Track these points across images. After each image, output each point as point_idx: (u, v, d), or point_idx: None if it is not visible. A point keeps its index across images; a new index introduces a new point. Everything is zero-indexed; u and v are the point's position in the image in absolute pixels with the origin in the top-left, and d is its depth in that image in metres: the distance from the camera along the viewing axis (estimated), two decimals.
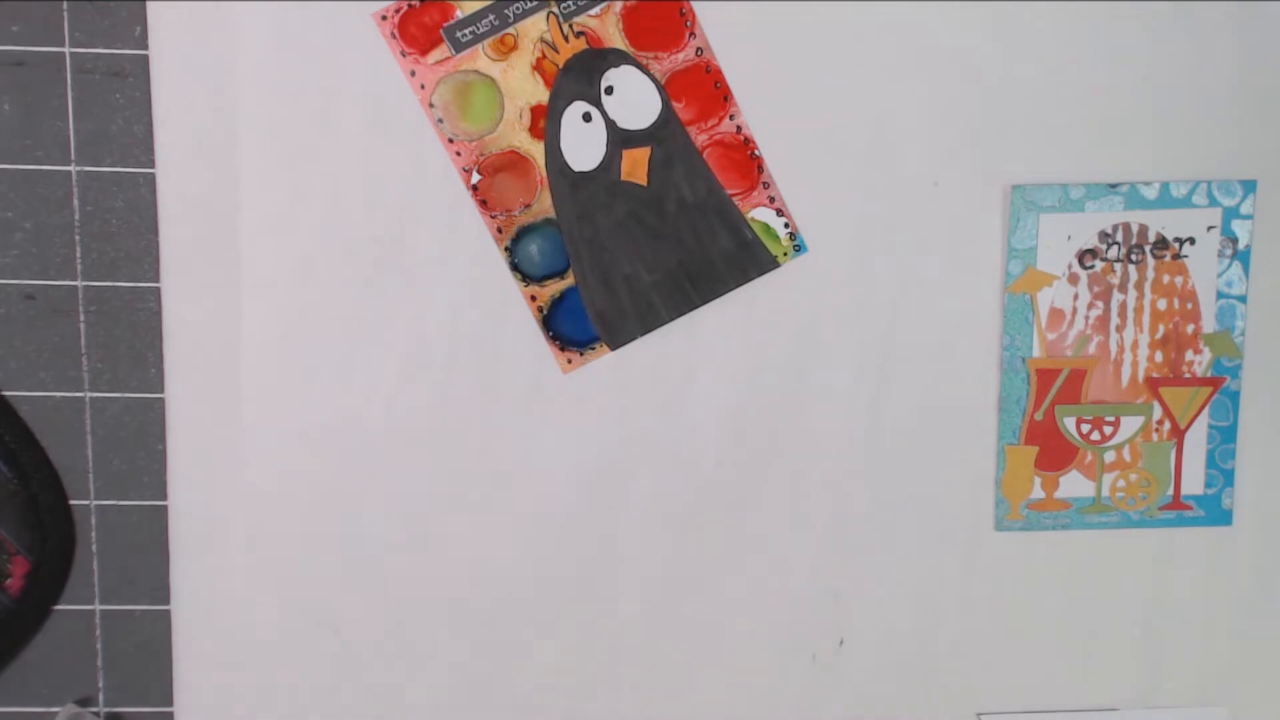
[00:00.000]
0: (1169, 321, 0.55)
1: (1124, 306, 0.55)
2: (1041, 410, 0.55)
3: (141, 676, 0.57)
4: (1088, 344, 0.55)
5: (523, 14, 0.52)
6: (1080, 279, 0.55)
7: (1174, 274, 0.55)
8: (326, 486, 0.55)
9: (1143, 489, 0.56)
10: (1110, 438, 0.56)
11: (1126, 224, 0.54)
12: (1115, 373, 0.55)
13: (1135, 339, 0.55)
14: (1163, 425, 0.56)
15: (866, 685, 0.58)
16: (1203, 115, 0.54)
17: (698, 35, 0.53)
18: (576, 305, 0.54)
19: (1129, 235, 0.54)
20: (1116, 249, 0.54)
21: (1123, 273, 0.55)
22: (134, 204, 0.53)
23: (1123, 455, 0.56)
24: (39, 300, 0.54)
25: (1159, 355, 0.55)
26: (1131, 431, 0.56)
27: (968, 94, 0.53)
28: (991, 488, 0.56)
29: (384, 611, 0.56)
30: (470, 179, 0.53)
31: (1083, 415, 0.56)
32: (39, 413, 0.55)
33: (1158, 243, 0.54)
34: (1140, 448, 0.56)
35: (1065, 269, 0.54)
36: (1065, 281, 0.55)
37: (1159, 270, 0.55)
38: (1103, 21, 0.53)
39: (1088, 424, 0.56)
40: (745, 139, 0.54)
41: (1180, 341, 0.55)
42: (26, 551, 0.55)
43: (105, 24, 0.52)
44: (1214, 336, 0.55)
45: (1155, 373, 0.55)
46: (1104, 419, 0.56)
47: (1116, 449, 0.56)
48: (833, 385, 0.56)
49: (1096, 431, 0.56)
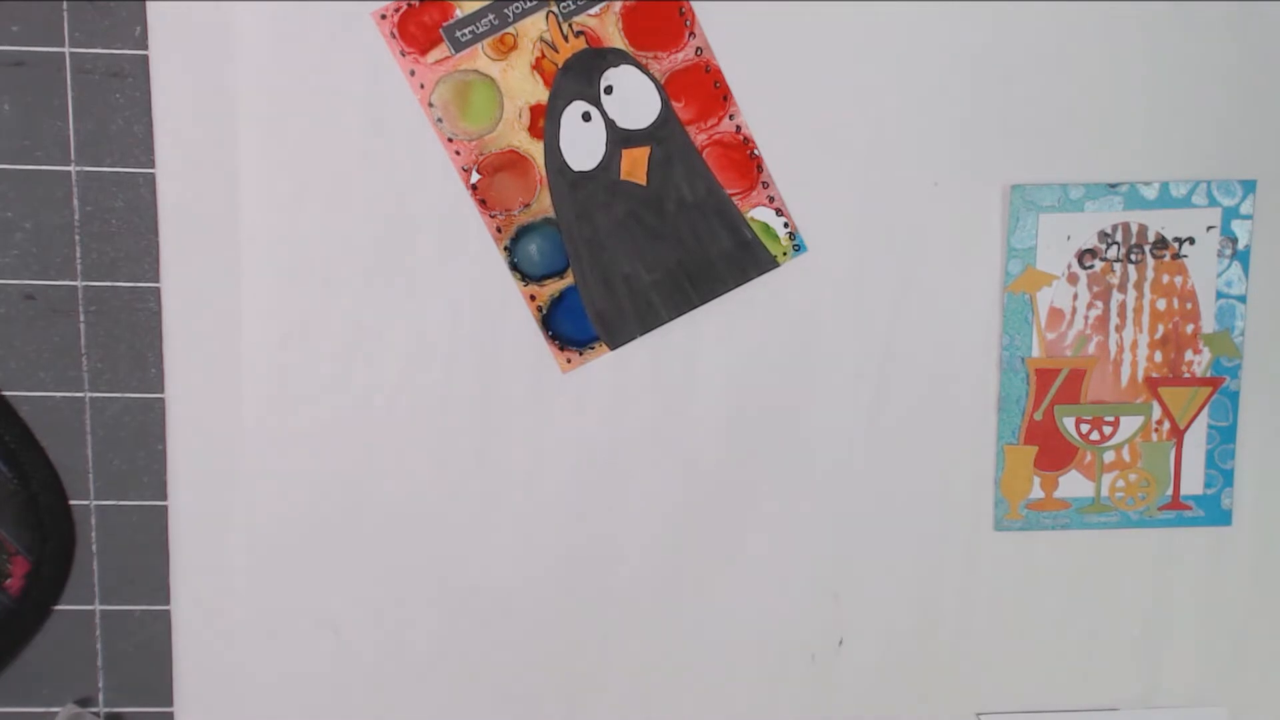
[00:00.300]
0: (1168, 321, 0.55)
1: (1123, 306, 0.55)
2: (1041, 410, 0.55)
3: (141, 676, 0.57)
4: (1087, 344, 0.55)
5: (522, 13, 0.52)
6: (1080, 279, 0.55)
7: (1173, 274, 0.55)
8: (326, 486, 0.55)
9: (1142, 489, 0.56)
10: (1110, 438, 0.56)
11: (1126, 224, 0.54)
12: (1115, 373, 0.55)
13: (1135, 339, 0.55)
14: (1162, 425, 0.56)
15: (866, 685, 0.58)
16: (1202, 115, 0.54)
17: (697, 35, 0.53)
18: (576, 305, 0.54)
19: (1128, 235, 0.54)
20: (1116, 249, 0.54)
21: (1122, 273, 0.55)
22: (134, 204, 0.53)
23: (1122, 455, 0.56)
24: (39, 300, 0.54)
25: (1158, 355, 0.55)
26: (1131, 431, 0.56)
27: (967, 94, 0.53)
28: (991, 488, 0.56)
29: (384, 611, 0.56)
30: (470, 178, 0.53)
31: (1082, 415, 0.55)
32: (39, 413, 0.55)
33: (1157, 243, 0.54)
34: (1140, 448, 0.56)
35: (1065, 269, 0.54)
36: (1065, 281, 0.55)
37: (1159, 270, 0.55)
38: (1102, 21, 0.53)
39: (1087, 424, 0.56)
40: (745, 139, 0.54)
41: (1180, 341, 0.55)
42: (26, 551, 0.55)
43: (105, 24, 0.52)
44: (1213, 336, 0.55)
45: (1155, 373, 0.55)
46: (1103, 419, 0.56)
47: (1116, 449, 0.56)
48: (832, 385, 0.55)
49: (1096, 431, 0.56)
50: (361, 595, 0.56)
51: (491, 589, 0.56)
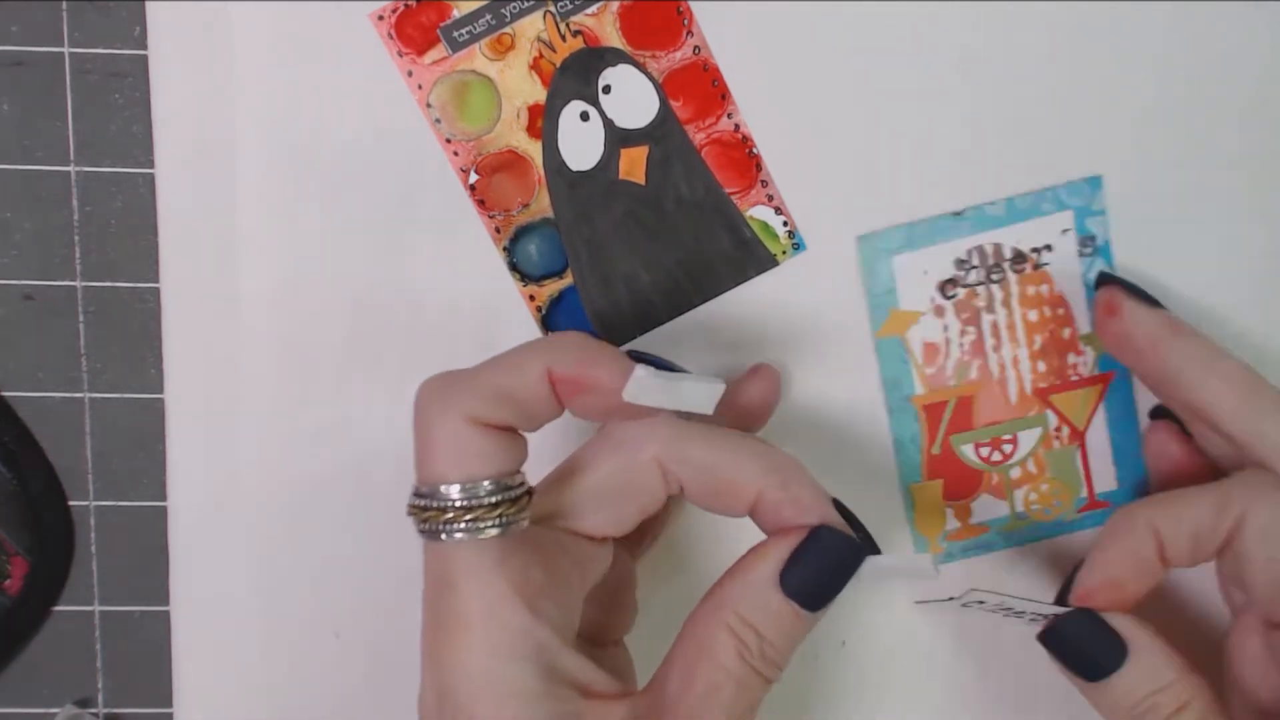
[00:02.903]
0: (1044, 331, 0.54)
1: (996, 326, 0.54)
2: (938, 444, 0.55)
3: (141, 677, 0.57)
4: (968, 370, 0.54)
5: (519, 13, 0.52)
6: (946, 309, 0.54)
7: (1039, 284, 0.54)
8: (326, 487, 0.55)
9: (1056, 497, 0.55)
10: (1011, 456, 0.55)
11: (980, 246, 0.54)
12: (1002, 392, 0.55)
13: (1015, 355, 0.54)
14: (1062, 431, 0.55)
15: (866, 685, 0.58)
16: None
17: (695, 34, 0.53)
18: (575, 305, 0.54)
19: (985, 257, 0.54)
20: (976, 272, 0.54)
21: (987, 294, 0.54)
22: (133, 204, 0.53)
23: (1028, 469, 0.55)
24: (38, 301, 0.54)
25: (1042, 365, 0.55)
26: (1031, 445, 0.55)
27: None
28: (906, 528, 0.56)
29: (384, 612, 0.56)
30: (468, 179, 0.53)
31: (979, 440, 0.55)
32: (38, 413, 0.55)
33: (1015, 258, 0.54)
34: (1045, 458, 0.55)
35: (929, 303, 0.54)
36: (931, 315, 0.54)
37: (1023, 284, 0.54)
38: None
39: (986, 447, 0.55)
40: (743, 137, 0.53)
41: (1060, 347, 0.54)
42: (25, 552, 0.55)
43: (104, 24, 0.52)
44: (1093, 335, 0.54)
45: (1042, 383, 0.55)
46: (1001, 439, 0.55)
47: (1021, 464, 0.55)
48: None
49: (996, 452, 0.55)
50: (361, 596, 0.56)
51: None
